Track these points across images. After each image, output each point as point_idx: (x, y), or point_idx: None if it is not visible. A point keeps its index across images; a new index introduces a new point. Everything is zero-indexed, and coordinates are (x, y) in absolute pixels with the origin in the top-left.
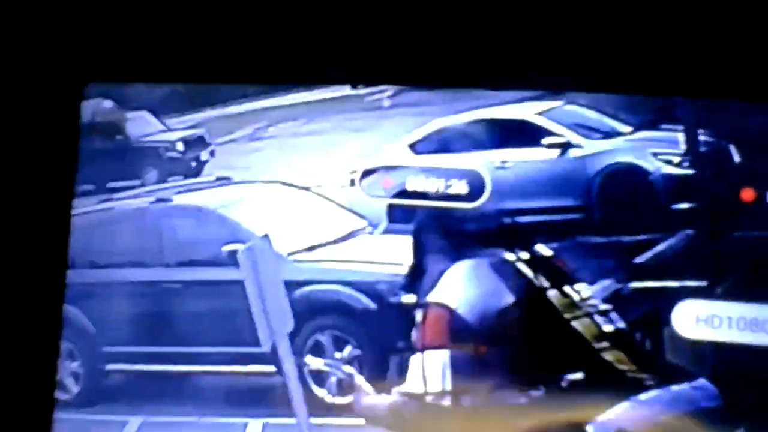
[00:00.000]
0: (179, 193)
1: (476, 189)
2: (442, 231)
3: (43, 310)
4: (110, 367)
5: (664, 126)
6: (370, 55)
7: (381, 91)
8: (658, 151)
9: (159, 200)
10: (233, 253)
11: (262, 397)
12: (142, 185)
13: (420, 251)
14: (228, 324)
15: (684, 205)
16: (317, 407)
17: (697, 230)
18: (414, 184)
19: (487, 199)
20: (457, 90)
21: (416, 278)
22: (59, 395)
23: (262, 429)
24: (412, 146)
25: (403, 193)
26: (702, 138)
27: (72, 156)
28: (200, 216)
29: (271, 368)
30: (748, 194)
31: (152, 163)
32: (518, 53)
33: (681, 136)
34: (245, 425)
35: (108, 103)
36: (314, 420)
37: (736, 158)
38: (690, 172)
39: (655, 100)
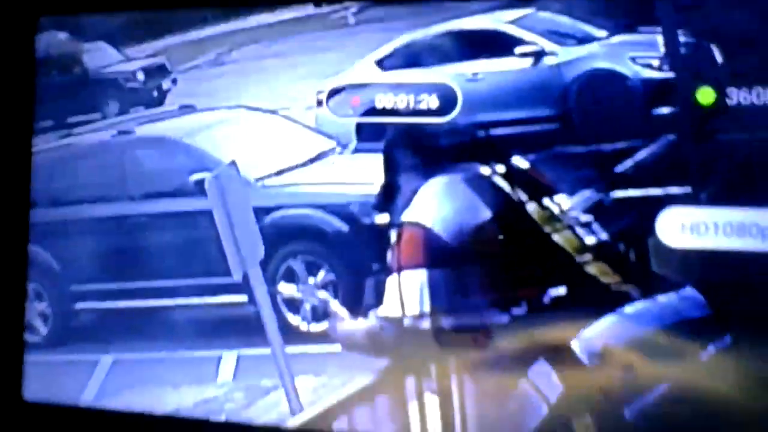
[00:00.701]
0: (141, 124)
1: (447, 103)
2: (413, 148)
3: (7, 251)
4: (79, 305)
5: (641, 28)
6: None
7: (345, 8)
8: (637, 55)
9: (121, 132)
10: (200, 182)
11: (235, 329)
12: (103, 118)
13: (392, 169)
14: (198, 255)
15: (665, 110)
16: (292, 335)
17: (679, 135)
18: (383, 101)
19: (459, 112)
20: (423, 2)
21: (389, 197)
22: (28, 337)
23: (236, 361)
24: (379, 63)
25: (371, 111)
26: (682, 39)
27: (29, 92)
28: (164, 146)
29: (244, 298)
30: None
31: (112, 95)
32: None
33: (660, 38)
34: (219, 358)
35: (63, 35)
36: (290, 349)
37: (719, 58)
38: (670, 75)
39: (632, 2)
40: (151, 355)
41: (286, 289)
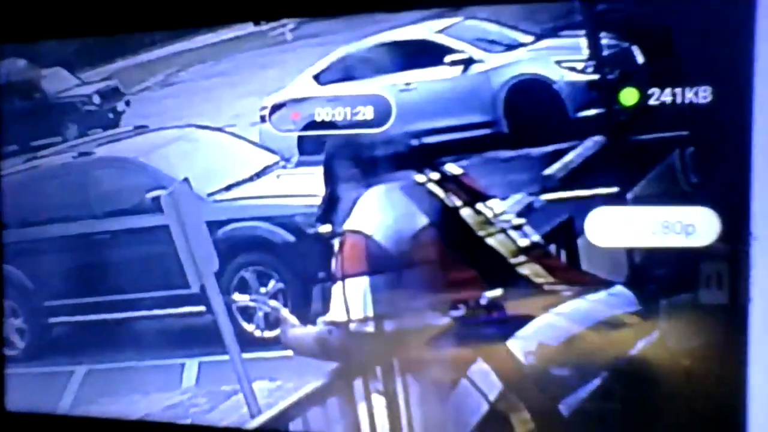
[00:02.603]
0: (100, 145)
1: (382, 113)
2: (351, 158)
3: None
4: (52, 320)
5: (565, 33)
6: None
7: (283, 25)
8: (562, 59)
9: (81, 154)
10: (156, 199)
11: (196, 337)
12: (64, 141)
13: (332, 180)
14: (158, 268)
15: (591, 112)
16: (248, 342)
17: (605, 136)
18: (321, 114)
19: (393, 122)
20: (355, 16)
21: (331, 208)
22: (7, 352)
23: (198, 368)
24: (316, 77)
25: (312, 125)
26: (604, 42)
27: None
28: (122, 166)
29: (202, 308)
30: (629, 97)
31: (71, 119)
32: None
33: (583, 42)
34: (183, 365)
35: (22, 62)
36: (246, 355)
37: (640, 59)
38: (594, 77)
39: (555, 7)
40: (120, 364)
41: (240, 298)
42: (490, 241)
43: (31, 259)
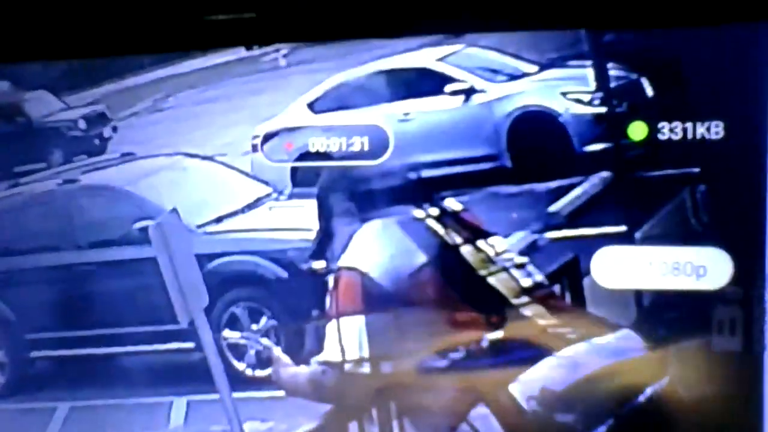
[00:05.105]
0: (86, 172)
1: (379, 145)
2: (347, 192)
3: None
4: (35, 354)
5: (571, 63)
6: (260, 13)
7: (276, 50)
8: (568, 90)
9: (66, 181)
10: (144, 230)
11: (185, 375)
12: (48, 167)
13: (326, 215)
14: (145, 302)
15: (598, 146)
16: (238, 381)
17: (613, 172)
18: (316, 144)
19: (391, 154)
20: (352, 42)
21: (325, 243)
22: None
23: (186, 406)
24: (310, 105)
25: (305, 155)
26: (612, 72)
27: None
28: (108, 194)
29: (191, 345)
30: (638, 131)
31: (56, 144)
32: None
33: (590, 72)
34: (171, 404)
35: (4, 85)
36: (236, 394)
37: (649, 91)
38: (602, 110)
39: (560, 36)
40: (106, 401)
41: (230, 335)
42: (491, 280)
43: (13, 289)
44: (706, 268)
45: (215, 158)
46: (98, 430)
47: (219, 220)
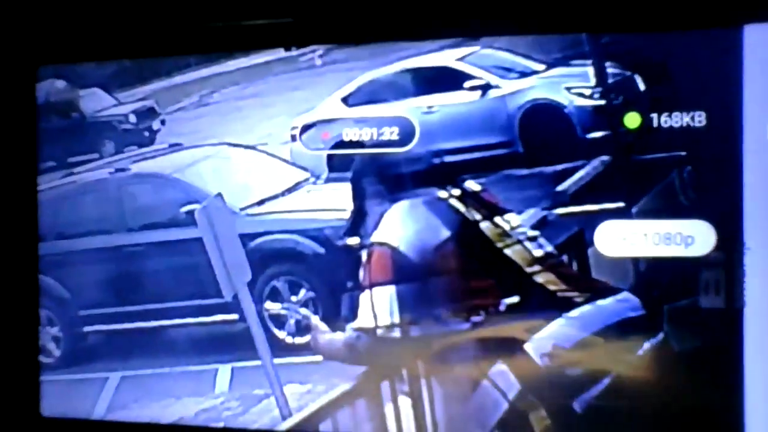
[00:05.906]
0: (136, 161)
1: (406, 134)
2: (378, 176)
3: (20, 282)
4: (87, 329)
5: (574, 62)
6: (297, 18)
7: (312, 51)
8: (571, 86)
9: (117, 170)
10: (190, 213)
11: (229, 344)
12: (101, 157)
13: (359, 196)
14: (191, 279)
15: (598, 134)
16: (279, 348)
17: (612, 156)
18: (349, 134)
19: (417, 142)
20: (381, 44)
21: (358, 221)
22: (43, 359)
23: (231, 373)
24: (344, 100)
25: (340, 144)
26: (610, 70)
27: (32, 136)
28: (157, 181)
29: (235, 316)
30: (632, 120)
31: (108, 136)
32: (435, 4)
33: (590, 70)
34: (216, 371)
35: (60, 83)
36: (277, 360)
37: (642, 86)
38: (601, 102)
39: (564, 39)
40: (154, 370)
41: (271, 306)
42: (507, 251)
43: (67, 270)
44: (693, 237)
45: (257, 147)
46: (147, 397)
47: (261, 202)
